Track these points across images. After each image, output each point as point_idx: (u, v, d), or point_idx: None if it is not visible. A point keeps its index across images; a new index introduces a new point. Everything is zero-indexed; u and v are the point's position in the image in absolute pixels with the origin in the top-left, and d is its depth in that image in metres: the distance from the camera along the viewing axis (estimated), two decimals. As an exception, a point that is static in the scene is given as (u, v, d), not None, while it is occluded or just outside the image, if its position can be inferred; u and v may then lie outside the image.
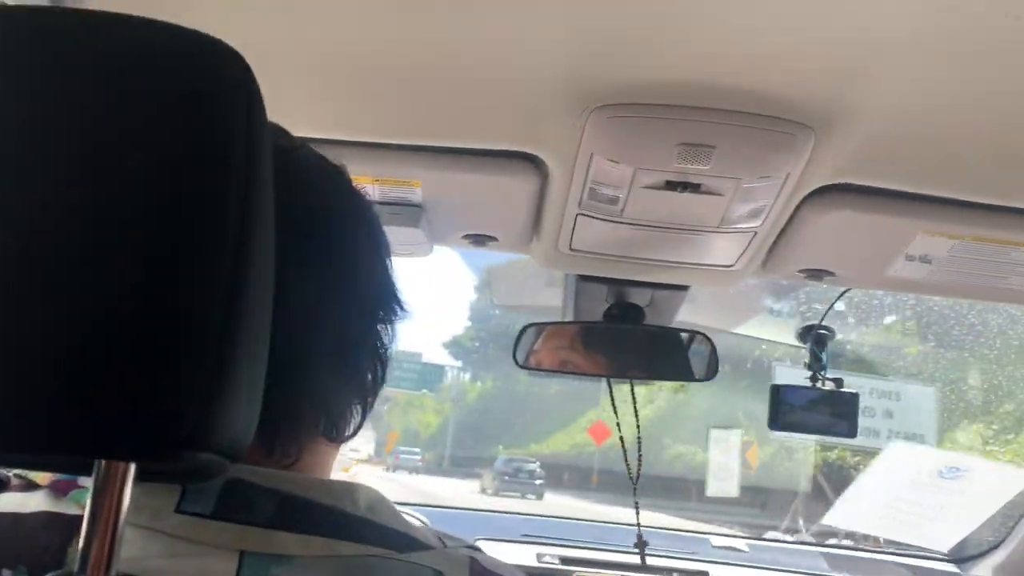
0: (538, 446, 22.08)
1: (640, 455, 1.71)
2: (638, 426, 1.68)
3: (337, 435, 0.65)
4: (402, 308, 0.71)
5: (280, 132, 0.64)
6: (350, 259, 0.64)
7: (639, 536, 1.83)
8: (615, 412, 1.68)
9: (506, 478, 17.63)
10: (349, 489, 0.61)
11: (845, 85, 0.91)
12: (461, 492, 17.15)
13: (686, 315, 1.65)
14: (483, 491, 17.75)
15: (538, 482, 17.55)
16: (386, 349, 0.69)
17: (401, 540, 0.60)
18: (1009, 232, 1.19)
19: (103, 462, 0.44)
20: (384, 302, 0.69)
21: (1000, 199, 1.13)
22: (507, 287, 2.21)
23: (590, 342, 1.60)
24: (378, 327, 0.68)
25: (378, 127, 1.10)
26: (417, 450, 25.71)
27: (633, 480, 1.71)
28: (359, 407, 0.67)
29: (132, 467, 0.44)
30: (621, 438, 1.70)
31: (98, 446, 0.43)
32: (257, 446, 0.59)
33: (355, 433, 0.68)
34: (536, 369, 1.59)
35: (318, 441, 0.64)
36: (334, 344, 0.62)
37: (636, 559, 2.00)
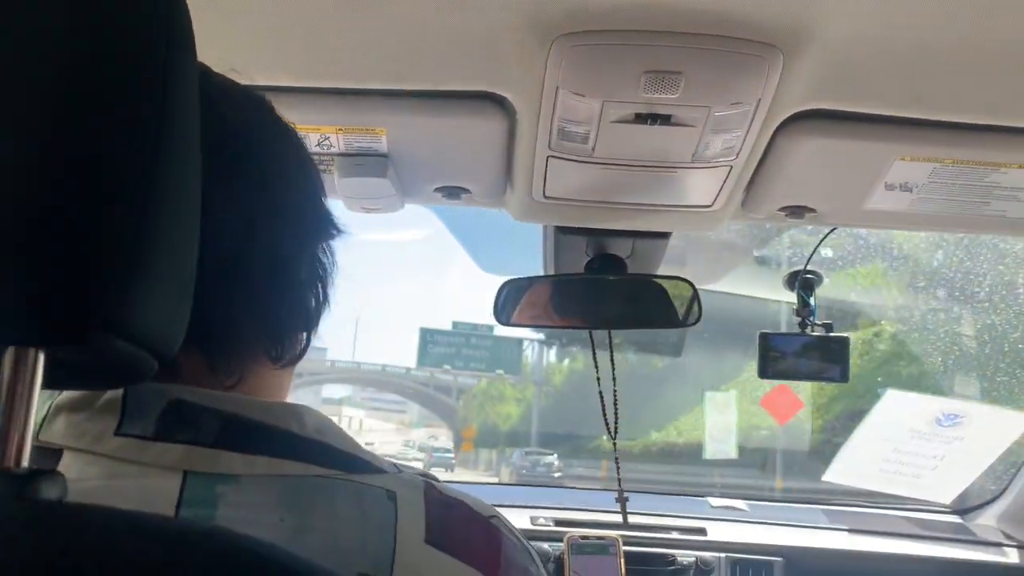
0: (660, 434, 17.98)
1: (617, 408, 1.69)
2: (614, 379, 1.67)
3: (279, 355, 0.64)
4: (336, 228, 0.71)
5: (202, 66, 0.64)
6: (277, 177, 0.64)
7: (620, 492, 1.82)
8: (596, 366, 1.66)
9: (523, 472, 17.54)
10: (295, 411, 0.60)
11: (810, 2, 0.89)
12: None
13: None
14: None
15: (556, 475, 17.32)
16: (326, 270, 0.69)
17: (351, 462, 0.59)
18: (988, 152, 1.16)
19: (12, 350, 0.43)
20: (317, 221, 0.68)
21: (977, 117, 1.11)
22: (491, 256, 2.18)
23: (572, 295, 1.58)
24: (315, 246, 0.68)
25: (337, 72, 1.07)
26: (451, 448, 24.81)
27: (612, 435, 1.70)
28: (303, 329, 0.66)
29: (41, 355, 0.43)
30: (600, 393, 1.68)
31: (4, 331, 0.41)
32: (199, 361, 0.59)
33: (300, 356, 0.67)
34: (519, 325, 1.57)
35: (261, 362, 0.63)
36: (268, 258, 0.61)
37: (643, 519, 2.00)
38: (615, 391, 1.71)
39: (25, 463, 0.43)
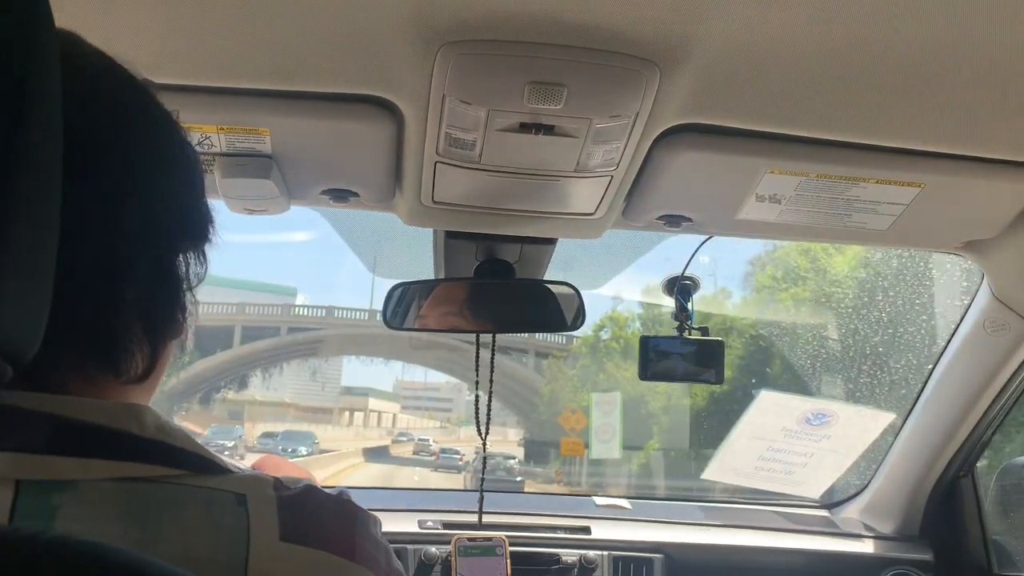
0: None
1: (489, 410, 1.73)
2: (492, 380, 1.71)
3: (112, 366, 0.59)
4: (204, 238, 0.67)
5: (74, 40, 0.61)
6: (131, 175, 0.60)
7: (480, 494, 1.88)
8: (477, 370, 1.69)
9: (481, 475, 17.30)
10: (133, 410, 0.57)
11: (686, 20, 0.93)
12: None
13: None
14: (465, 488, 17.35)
15: (518, 478, 17.13)
16: (182, 280, 0.65)
17: (196, 461, 0.58)
18: (850, 167, 1.24)
19: None
20: (180, 227, 0.65)
21: (840, 134, 1.18)
22: (381, 258, 2.17)
23: (462, 298, 1.59)
24: (190, 248, 0.65)
25: (220, 70, 1.05)
26: (460, 450, 24.90)
27: (482, 435, 1.74)
28: (146, 343, 0.61)
29: None
30: (476, 396, 1.72)
31: None
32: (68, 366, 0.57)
33: (144, 375, 0.62)
34: (407, 329, 1.57)
35: (91, 372, 0.59)
36: (104, 262, 0.57)
37: (529, 519, 2.03)
38: (490, 392, 1.74)
39: None
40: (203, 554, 0.53)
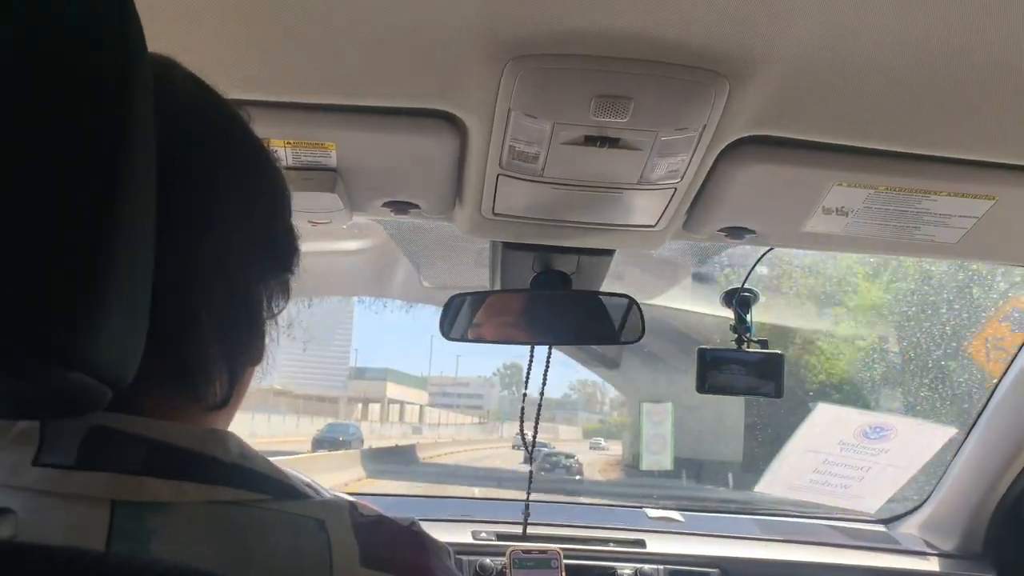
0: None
1: (537, 420, 1.73)
2: (542, 394, 1.70)
3: (191, 392, 0.60)
4: (287, 268, 0.68)
5: (167, 63, 0.62)
6: (215, 200, 0.60)
7: (526, 505, 1.89)
8: (526, 382, 1.69)
9: (543, 473, 16.93)
10: (218, 436, 0.58)
11: (757, 33, 0.92)
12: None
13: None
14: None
15: (576, 477, 16.81)
16: (262, 308, 0.65)
17: (276, 487, 0.58)
18: (920, 180, 1.21)
19: None
20: (262, 255, 0.65)
21: (911, 147, 1.15)
22: (435, 268, 2.18)
23: (518, 310, 1.59)
24: (253, 282, 0.64)
25: (288, 85, 1.06)
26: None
27: (528, 449, 1.73)
28: (225, 370, 0.62)
29: None
30: (522, 409, 1.72)
31: None
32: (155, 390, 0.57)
33: (224, 402, 0.62)
34: (463, 340, 1.58)
35: (171, 396, 0.59)
36: (182, 287, 0.58)
37: (583, 532, 2.03)
38: (539, 405, 1.74)
39: None
40: None
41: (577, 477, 16.80)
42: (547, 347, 1.66)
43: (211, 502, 0.54)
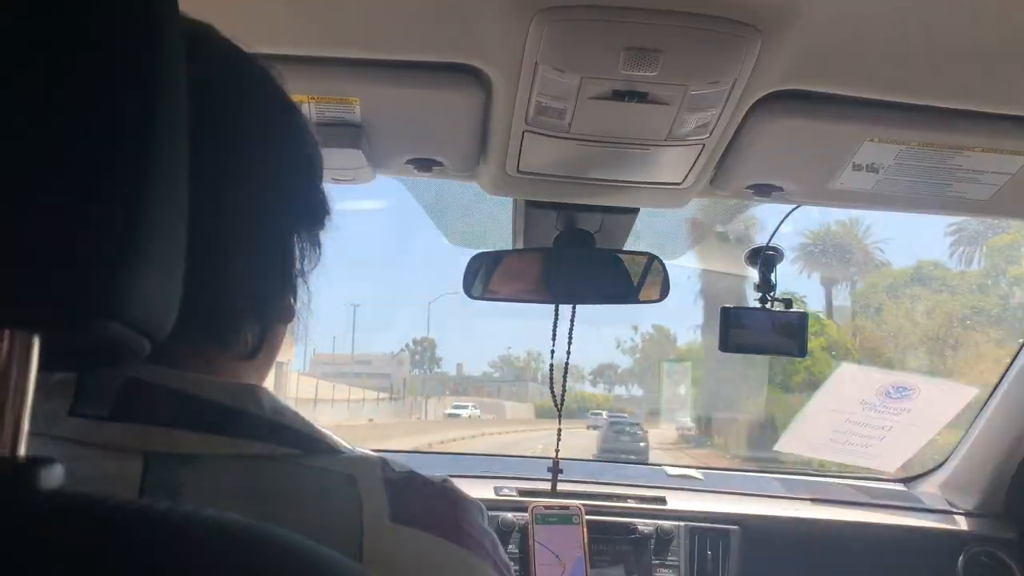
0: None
1: (565, 380, 1.74)
2: (569, 352, 1.71)
3: (220, 340, 0.61)
4: (319, 223, 0.68)
5: (205, 31, 0.63)
6: (246, 156, 0.62)
7: (555, 462, 1.90)
8: (553, 339, 1.69)
9: (609, 438, 16.66)
10: (251, 391, 0.59)
11: None
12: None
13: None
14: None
15: (641, 444, 16.65)
16: (293, 263, 0.66)
17: (308, 442, 0.59)
18: (953, 135, 1.19)
19: (7, 335, 0.42)
20: (294, 210, 0.66)
21: (944, 101, 1.13)
22: (458, 228, 2.18)
23: (541, 269, 1.59)
24: (284, 235, 0.65)
25: (311, 40, 1.05)
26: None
27: (558, 405, 1.74)
28: (255, 321, 0.63)
29: (36, 341, 0.42)
30: (551, 365, 1.72)
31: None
32: (187, 343, 0.57)
33: (253, 354, 0.64)
34: (489, 299, 1.57)
35: (201, 347, 0.61)
36: (214, 238, 0.58)
37: (604, 488, 2.04)
38: (567, 365, 1.75)
39: (22, 450, 0.43)
40: (319, 534, 0.53)
41: (642, 444, 16.62)
42: (571, 306, 1.65)
43: (241, 456, 0.55)
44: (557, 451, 1.90)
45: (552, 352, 1.71)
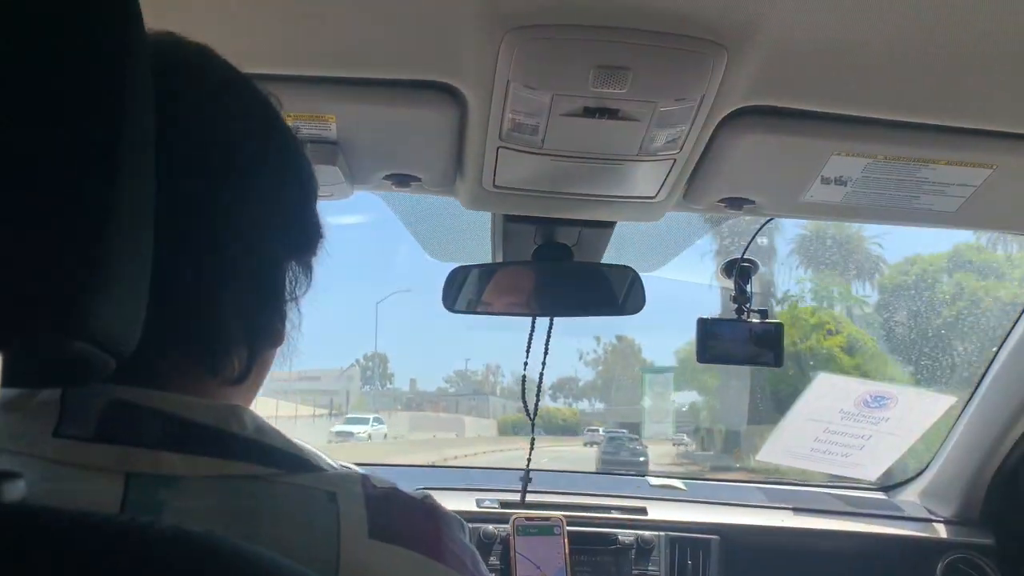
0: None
1: (539, 392, 1.76)
2: (544, 363, 1.73)
3: (210, 366, 0.61)
4: (311, 249, 0.69)
5: (203, 52, 0.64)
6: (242, 182, 0.62)
7: (526, 473, 1.93)
8: (527, 351, 1.71)
9: (608, 455, 16.43)
10: (234, 411, 0.59)
11: (754, 2, 0.92)
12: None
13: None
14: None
15: (641, 459, 16.32)
16: (284, 289, 0.67)
17: (291, 460, 0.59)
18: (918, 149, 1.22)
19: None
20: (287, 237, 0.66)
21: (910, 115, 1.16)
22: (438, 242, 2.19)
23: (519, 282, 1.60)
24: (277, 262, 0.66)
25: (286, 58, 1.07)
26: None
27: (531, 416, 1.76)
28: (244, 347, 0.63)
29: None
30: (524, 377, 1.75)
31: None
32: (176, 363, 0.59)
33: (241, 378, 0.64)
34: (467, 312, 1.59)
35: (190, 370, 0.61)
36: (208, 264, 0.59)
37: (586, 499, 2.06)
38: (541, 374, 1.77)
39: None
40: (298, 552, 0.54)
41: (641, 459, 16.48)
42: (548, 319, 1.67)
43: (224, 476, 0.56)
44: (528, 462, 1.92)
45: (525, 364, 1.73)
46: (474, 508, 1.99)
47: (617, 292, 1.56)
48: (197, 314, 0.59)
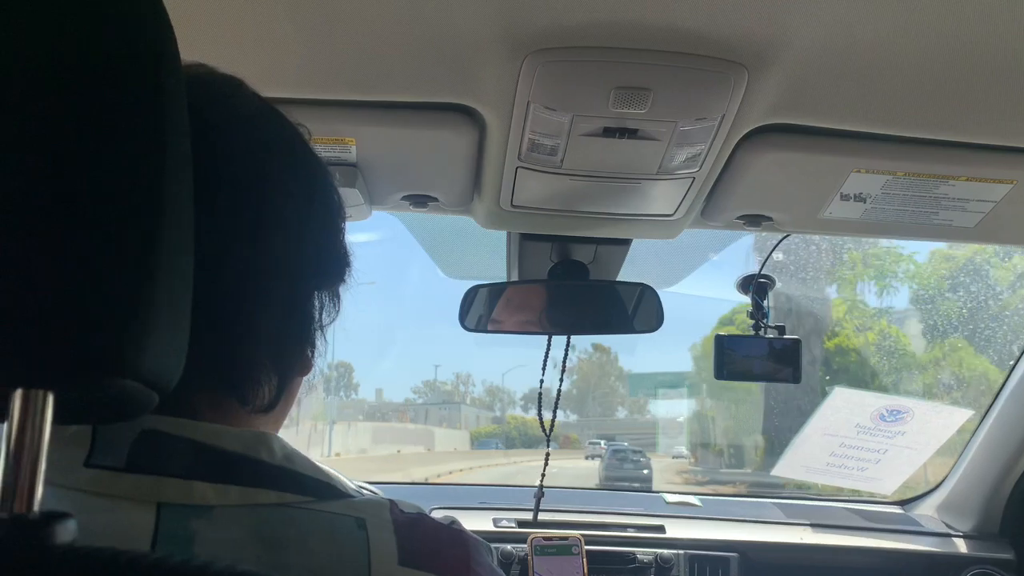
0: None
1: (556, 409, 1.76)
2: (561, 380, 1.73)
3: (239, 395, 0.61)
4: (340, 278, 0.69)
5: (236, 83, 0.65)
6: (273, 213, 0.62)
7: (539, 490, 1.92)
8: (543, 370, 1.71)
9: (612, 468, 16.50)
10: (263, 439, 0.60)
11: (775, 21, 0.92)
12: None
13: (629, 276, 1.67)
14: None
15: (645, 471, 16.39)
16: (314, 318, 0.67)
17: (319, 488, 0.59)
18: (938, 165, 1.21)
19: (19, 394, 0.43)
20: (316, 266, 0.67)
21: (929, 132, 1.15)
22: (453, 260, 2.19)
23: (536, 300, 1.60)
24: (307, 292, 0.66)
25: (306, 81, 1.07)
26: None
27: (546, 433, 1.76)
28: (274, 375, 0.64)
29: (51, 397, 0.43)
30: (540, 395, 1.74)
31: (14, 374, 0.41)
32: (205, 396, 0.59)
33: (270, 407, 0.64)
34: (484, 331, 1.59)
35: (220, 400, 0.61)
36: (239, 295, 0.60)
37: (602, 518, 2.05)
38: (559, 391, 1.77)
39: (36, 507, 0.43)
40: None
41: (646, 471, 16.37)
42: (565, 337, 1.67)
43: (254, 504, 0.56)
44: (543, 479, 1.91)
45: (541, 382, 1.73)
46: (491, 528, 1.98)
47: (636, 310, 1.56)
48: (229, 344, 0.59)
